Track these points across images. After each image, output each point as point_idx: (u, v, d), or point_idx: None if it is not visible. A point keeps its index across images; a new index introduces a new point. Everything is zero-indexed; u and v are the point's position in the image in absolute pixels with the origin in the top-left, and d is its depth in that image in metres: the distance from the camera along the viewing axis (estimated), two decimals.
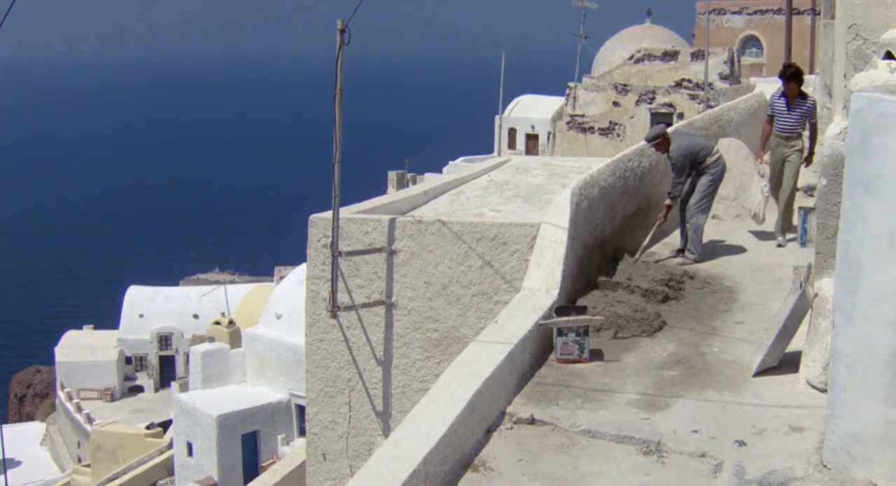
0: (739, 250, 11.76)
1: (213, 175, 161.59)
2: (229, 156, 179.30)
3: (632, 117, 33.47)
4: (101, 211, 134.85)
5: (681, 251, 11.40)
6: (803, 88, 12.35)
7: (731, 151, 13.58)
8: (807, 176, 14.68)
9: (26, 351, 75.23)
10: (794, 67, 11.98)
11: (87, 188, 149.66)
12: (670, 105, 33.11)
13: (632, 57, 36.40)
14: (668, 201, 11.32)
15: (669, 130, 11.60)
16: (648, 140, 11.42)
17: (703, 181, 11.30)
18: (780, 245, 11.98)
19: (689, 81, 33.57)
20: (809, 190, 13.75)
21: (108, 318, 59.50)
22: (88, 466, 38.02)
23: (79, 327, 57.62)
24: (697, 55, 34.23)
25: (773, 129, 12.36)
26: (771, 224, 12.57)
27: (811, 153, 12.47)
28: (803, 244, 11.59)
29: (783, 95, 12.13)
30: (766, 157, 12.48)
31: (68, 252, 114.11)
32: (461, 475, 6.32)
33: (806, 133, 12.71)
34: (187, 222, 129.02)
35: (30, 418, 57.98)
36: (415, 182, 48.42)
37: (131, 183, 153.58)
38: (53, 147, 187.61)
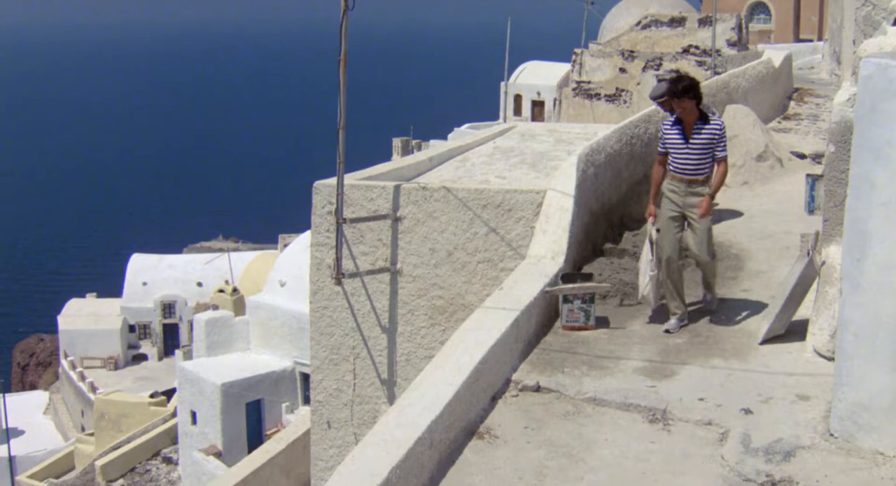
0: (746, 217, 11.69)
1: (217, 142, 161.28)
2: (233, 122, 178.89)
3: (638, 84, 33.23)
4: (104, 179, 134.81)
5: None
6: (704, 108, 8.27)
7: (739, 117, 13.49)
8: (815, 144, 14.60)
9: (29, 320, 75.32)
10: (687, 79, 8.08)
11: (90, 155, 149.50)
12: (677, 72, 32.74)
13: (638, 23, 36.08)
14: None
15: None
16: (654, 97, 11.33)
17: None
18: (667, 330, 8.19)
19: (697, 47, 33.27)
20: (817, 157, 13.66)
21: (111, 286, 59.53)
22: (92, 435, 38.07)
23: (82, 295, 57.61)
24: (705, 21, 33.91)
25: (666, 171, 8.32)
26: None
27: (711, 196, 8.20)
28: (811, 212, 11.48)
29: (677, 122, 8.15)
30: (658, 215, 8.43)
31: (71, 220, 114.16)
32: (466, 442, 6.31)
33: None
34: (191, 190, 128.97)
35: (33, 387, 57.93)
36: (420, 149, 48.29)
37: (134, 150, 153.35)
38: (55, 114, 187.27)
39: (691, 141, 8.00)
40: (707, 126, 8.02)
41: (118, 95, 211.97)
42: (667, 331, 8.10)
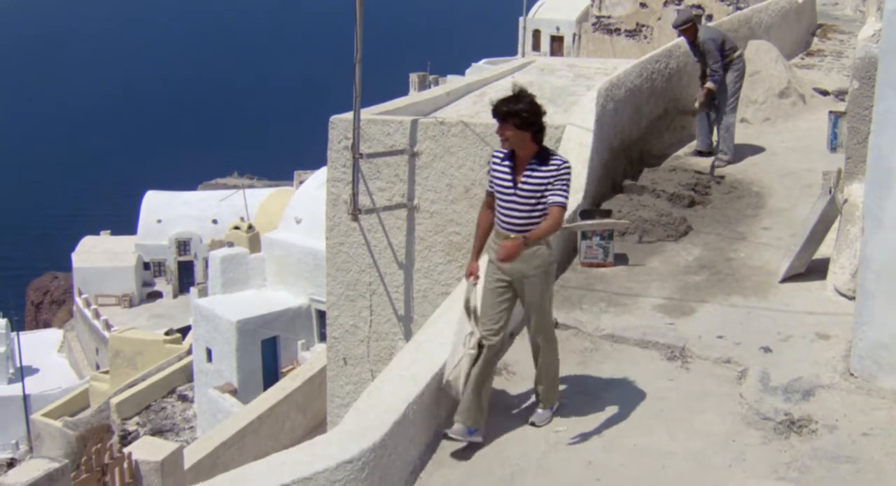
0: (767, 154, 11.53)
1: (231, 77, 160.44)
2: (248, 57, 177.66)
3: (659, 19, 32.75)
4: (118, 115, 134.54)
5: (701, 153, 11.21)
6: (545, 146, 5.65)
7: (762, 53, 13.26)
8: (838, 80, 14.36)
9: (42, 258, 75.20)
10: (516, 100, 5.49)
11: (103, 92, 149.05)
12: (699, 7, 32.34)
13: None
14: (710, 84, 11.00)
15: None
16: (676, 25, 11.13)
17: (730, 78, 11.06)
18: (446, 434, 5.62)
19: None
20: (841, 94, 13.43)
21: (125, 223, 59.14)
22: (107, 373, 38.07)
23: (96, 232, 57.32)
24: None
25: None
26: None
27: (527, 237, 5.46)
28: (833, 149, 11.34)
29: (511, 155, 5.61)
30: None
31: (84, 157, 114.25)
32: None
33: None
34: (205, 126, 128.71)
35: (47, 325, 57.79)
36: (437, 84, 47.83)
37: (149, 87, 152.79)
38: (69, 50, 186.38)
39: (520, 185, 5.49)
40: (543, 168, 5.46)
41: (131, 31, 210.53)
42: (447, 436, 5.58)
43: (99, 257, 52.14)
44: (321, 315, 27.54)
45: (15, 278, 72.45)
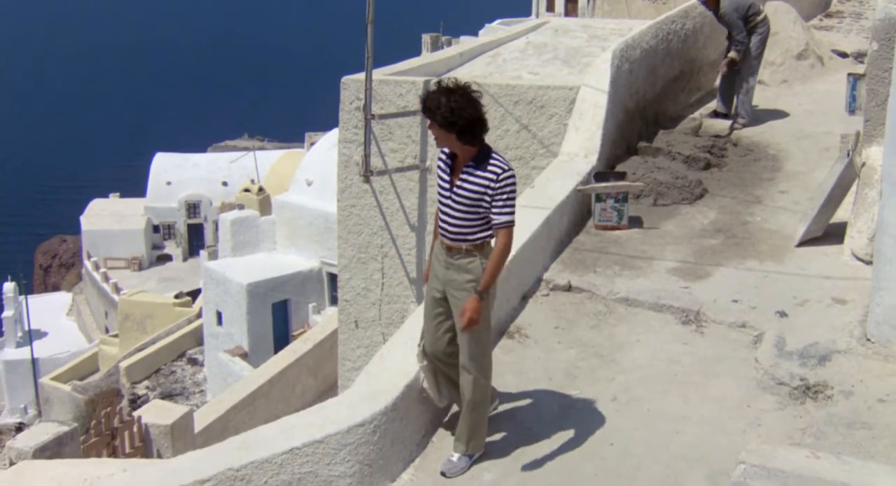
0: (784, 116, 11.39)
1: (241, 37, 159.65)
2: (258, 17, 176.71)
3: None
4: (127, 76, 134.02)
5: (717, 114, 11.08)
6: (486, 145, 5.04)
7: (780, 14, 13.05)
8: (857, 42, 14.16)
9: (51, 221, 74.62)
10: (435, 93, 4.85)
11: (111, 52, 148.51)
12: None
13: None
14: (733, 54, 10.85)
15: None
16: None
17: (754, 41, 10.89)
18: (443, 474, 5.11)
19: None
20: (860, 56, 13.25)
21: (134, 186, 58.68)
22: (116, 336, 38.04)
23: (105, 195, 56.84)
24: None
25: None
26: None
27: (480, 292, 4.91)
28: (851, 112, 11.19)
29: (451, 156, 5.02)
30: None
31: (93, 119, 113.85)
32: (496, 341, 6.24)
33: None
34: (214, 87, 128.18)
35: (56, 288, 57.35)
36: (449, 45, 47.49)
37: (158, 47, 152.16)
38: (78, 10, 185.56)
39: (455, 188, 4.93)
40: (479, 172, 4.84)
41: None
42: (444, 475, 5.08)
43: (108, 219, 51.74)
44: (332, 278, 27.54)
45: (23, 241, 72.30)
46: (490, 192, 4.81)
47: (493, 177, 4.80)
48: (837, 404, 5.49)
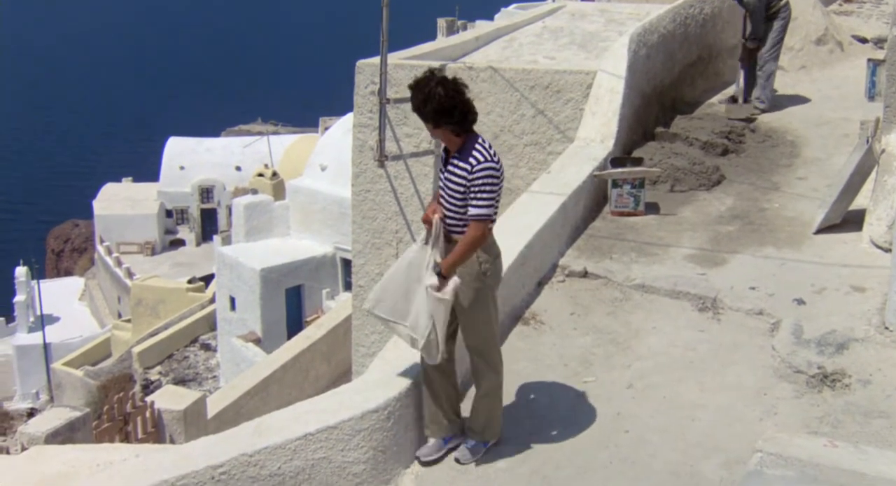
0: (803, 102, 11.29)
1: (256, 21, 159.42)
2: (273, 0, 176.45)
3: None
4: (140, 60, 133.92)
5: (735, 100, 10.99)
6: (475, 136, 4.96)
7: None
8: (878, 27, 14.03)
9: (63, 205, 74.05)
10: (415, 88, 4.78)
11: (126, 36, 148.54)
12: None
13: None
14: (751, 44, 10.78)
15: None
16: None
17: (776, 26, 10.80)
18: (418, 458, 5.05)
19: None
20: (880, 42, 13.11)
21: (147, 170, 58.26)
22: (129, 321, 38.07)
23: (117, 179, 56.49)
24: None
25: None
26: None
27: (449, 265, 4.83)
28: (871, 98, 11.09)
29: (445, 148, 5.00)
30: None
31: (106, 103, 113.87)
32: (512, 327, 6.21)
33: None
34: (228, 71, 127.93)
35: (68, 273, 57.19)
36: (465, 29, 47.28)
37: (171, 30, 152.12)
38: None
39: (444, 181, 4.91)
40: (461, 163, 4.77)
41: None
42: (419, 460, 5.02)
43: (121, 204, 51.47)
44: (346, 263, 27.52)
45: (35, 225, 72.25)
46: (466, 183, 4.72)
47: (469, 168, 4.72)
48: (855, 392, 5.44)
